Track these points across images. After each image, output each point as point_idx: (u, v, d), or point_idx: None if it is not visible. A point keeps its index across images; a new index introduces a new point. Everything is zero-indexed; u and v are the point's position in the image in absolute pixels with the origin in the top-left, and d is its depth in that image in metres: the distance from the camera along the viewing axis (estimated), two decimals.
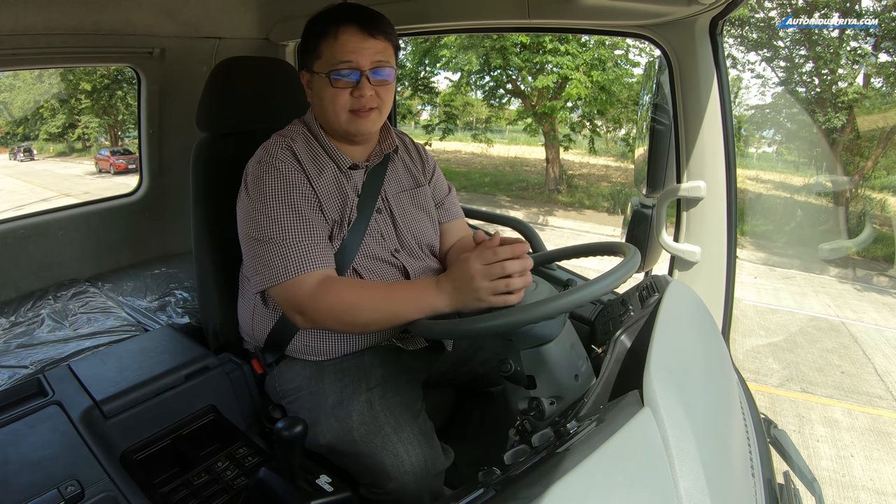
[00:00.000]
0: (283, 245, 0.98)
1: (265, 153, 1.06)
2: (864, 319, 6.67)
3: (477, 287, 0.89)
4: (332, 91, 1.04)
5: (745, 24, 9.57)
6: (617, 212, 10.83)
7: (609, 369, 0.84)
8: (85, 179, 11.75)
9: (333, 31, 1.03)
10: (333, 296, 0.97)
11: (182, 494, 0.98)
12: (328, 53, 1.03)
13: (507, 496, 0.57)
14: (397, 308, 0.95)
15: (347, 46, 1.02)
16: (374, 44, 1.03)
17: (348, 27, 1.02)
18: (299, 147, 1.08)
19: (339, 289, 0.98)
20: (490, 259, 0.89)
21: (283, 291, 0.99)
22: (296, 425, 0.82)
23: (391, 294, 0.97)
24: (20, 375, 1.27)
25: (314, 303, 0.97)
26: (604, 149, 13.44)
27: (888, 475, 3.92)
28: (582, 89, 9.56)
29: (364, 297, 0.97)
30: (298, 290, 0.97)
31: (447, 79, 11.83)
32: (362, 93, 1.03)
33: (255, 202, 1.02)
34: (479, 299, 0.89)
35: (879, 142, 9.20)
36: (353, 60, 1.02)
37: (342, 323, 0.99)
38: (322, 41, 1.04)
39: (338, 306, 0.97)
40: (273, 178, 1.02)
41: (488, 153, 14.52)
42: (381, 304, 0.96)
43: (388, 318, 0.96)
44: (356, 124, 1.06)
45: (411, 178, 1.22)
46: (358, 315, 0.97)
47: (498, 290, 0.88)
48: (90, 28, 1.64)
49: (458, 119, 12.37)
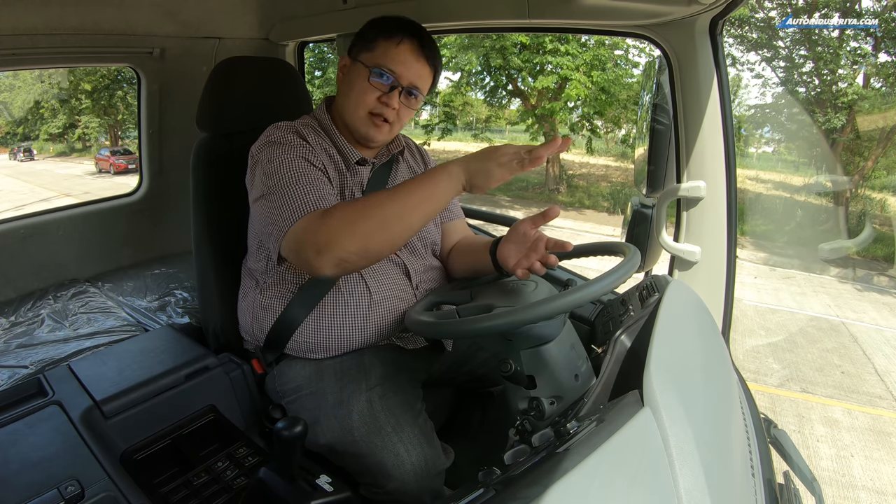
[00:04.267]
0: (292, 190, 0.98)
1: (273, 129, 1.08)
2: (864, 319, 6.68)
3: (491, 156, 0.92)
4: (365, 85, 1.06)
5: (745, 24, 9.57)
6: (617, 212, 10.84)
7: (609, 369, 0.84)
8: (85, 179, 11.76)
9: (398, 37, 1.06)
10: (340, 210, 0.94)
11: (182, 494, 0.98)
12: (381, 51, 1.06)
13: (507, 496, 0.57)
14: (410, 196, 0.93)
15: (401, 56, 1.06)
16: (423, 68, 1.09)
17: (412, 41, 1.07)
18: (308, 134, 1.08)
19: (344, 205, 0.96)
20: (506, 151, 0.93)
21: (295, 232, 0.95)
22: (296, 425, 0.82)
23: (400, 187, 0.95)
24: (20, 375, 1.27)
25: (322, 224, 0.92)
26: (604, 149, 13.44)
27: (888, 475, 3.93)
28: (582, 90, 9.57)
29: (370, 199, 0.95)
30: (308, 223, 0.94)
31: (447, 79, 11.83)
32: (389, 101, 1.07)
33: (261, 165, 1.03)
34: (489, 174, 0.93)
35: (879, 142, 9.21)
36: (399, 71, 1.06)
37: (358, 234, 0.91)
38: (382, 39, 1.07)
39: (347, 216, 0.92)
40: (277, 146, 1.03)
41: None
42: (390, 198, 0.93)
43: (401, 210, 0.92)
44: (369, 128, 1.09)
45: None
46: (370, 217, 0.91)
47: (511, 163, 0.91)
48: (90, 28, 1.64)
49: (458, 119, 12.37)
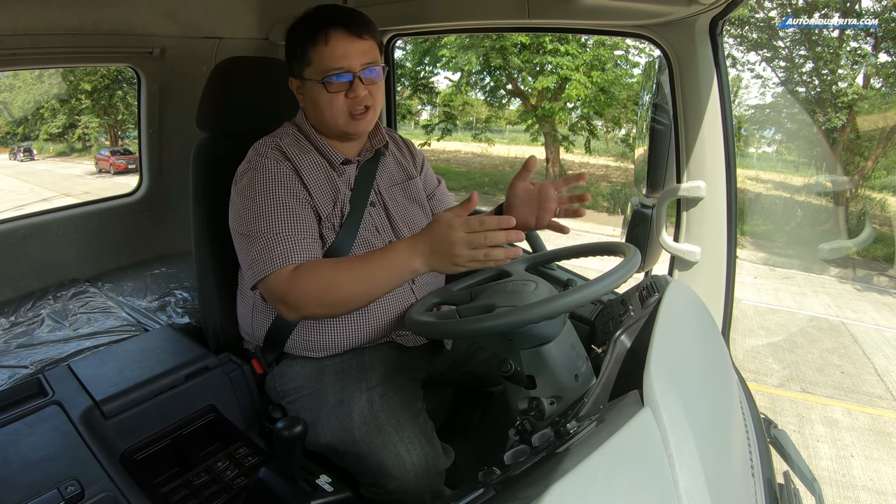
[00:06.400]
0: (268, 239, 0.99)
1: (254, 153, 1.08)
2: (864, 319, 6.67)
3: (457, 254, 0.88)
4: (327, 96, 1.04)
5: (745, 24, 9.57)
6: (617, 212, 10.82)
7: (609, 369, 0.84)
8: (85, 179, 11.74)
9: (323, 37, 1.02)
10: (308, 276, 0.97)
11: (182, 494, 0.98)
12: (318, 60, 1.03)
13: (507, 496, 0.57)
14: (374, 276, 0.94)
15: (337, 51, 1.02)
16: (362, 44, 1.04)
17: (336, 31, 1.02)
18: (288, 143, 1.09)
19: (313, 270, 0.98)
20: (475, 228, 0.87)
21: (268, 284, 0.99)
22: (296, 425, 0.82)
23: (366, 264, 0.97)
24: (20, 375, 1.27)
25: (291, 289, 0.97)
26: (603, 149, 13.44)
27: (888, 475, 3.93)
28: (582, 90, 9.57)
29: (339, 272, 0.97)
30: (279, 279, 0.98)
31: (447, 79, 11.85)
32: (356, 94, 1.04)
33: (243, 199, 1.03)
34: (455, 265, 0.90)
35: (879, 142, 9.21)
36: (346, 65, 1.02)
37: (323, 304, 0.98)
38: (311, 48, 1.03)
39: (315, 286, 0.96)
40: (259, 175, 1.03)
41: (488, 153, 14.51)
42: (357, 276, 0.96)
43: (366, 291, 0.96)
44: (354, 126, 1.08)
45: (402, 172, 1.24)
46: (335, 293, 0.96)
47: (477, 258, 0.88)
48: (90, 28, 1.64)
49: (458, 119, 12.37)
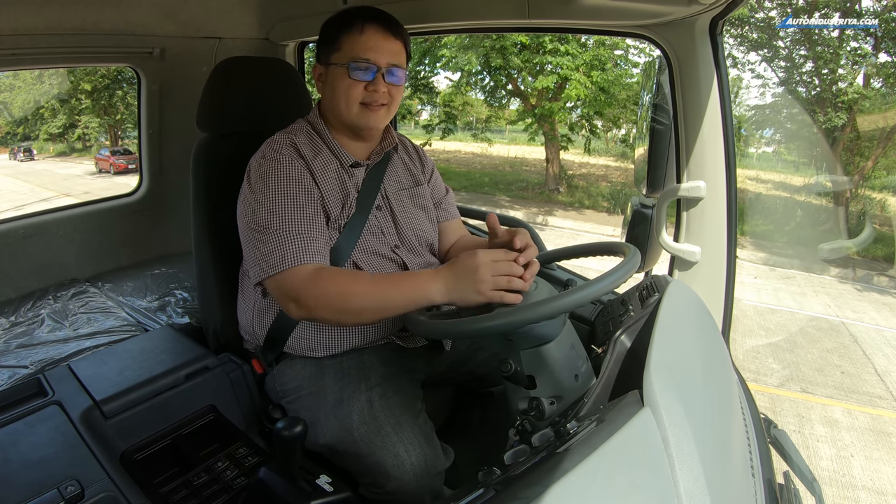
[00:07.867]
0: (281, 235, 1.00)
1: (268, 148, 1.08)
2: (864, 319, 6.67)
3: (480, 279, 0.88)
4: (348, 82, 1.07)
5: (745, 24, 9.56)
6: (617, 212, 10.82)
7: (609, 369, 0.84)
8: (85, 179, 11.75)
9: (359, 27, 1.07)
10: (327, 282, 0.97)
11: (182, 494, 0.98)
12: (349, 47, 1.06)
13: (507, 496, 0.57)
14: (389, 296, 0.94)
15: (369, 43, 1.06)
16: (393, 45, 1.08)
17: (372, 25, 1.07)
18: (302, 142, 1.10)
19: (333, 276, 0.99)
20: (500, 257, 0.90)
21: (280, 280, 0.99)
22: (296, 425, 0.82)
23: (385, 282, 0.97)
24: (20, 375, 1.27)
25: (308, 290, 0.97)
26: (603, 149, 13.44)
27: (888, 475, 3.92)
28: (582, 90, 9.55)
29: (356, 285, 0.98)
30: (295, 277, 0.98)
31: (447, 79, 11.85)
32: (376, 88, 1.07)
33: (256, 194, 1.03)
34: (478, 291, 0.89)
35: (879, 142, 9.20)
36: (373, 58, 1.06)
37: (334, 310, 0.98)
38: (345, 34, 1.07)
39: (331, 292, 0.97)
40: (275, 171, 1.04)
41: (488, 153, 14.52)
42: (373, 292, 0.96)
43: (379, 307, 0.96)
44: (366, 117, 1.09)
45: (411, 177, 1.24)
46: (350, 302, 0.96)
47: (499, 285, 0.88)
48: (90, 28, 1.64)
49: (458, 119, 12.36)
